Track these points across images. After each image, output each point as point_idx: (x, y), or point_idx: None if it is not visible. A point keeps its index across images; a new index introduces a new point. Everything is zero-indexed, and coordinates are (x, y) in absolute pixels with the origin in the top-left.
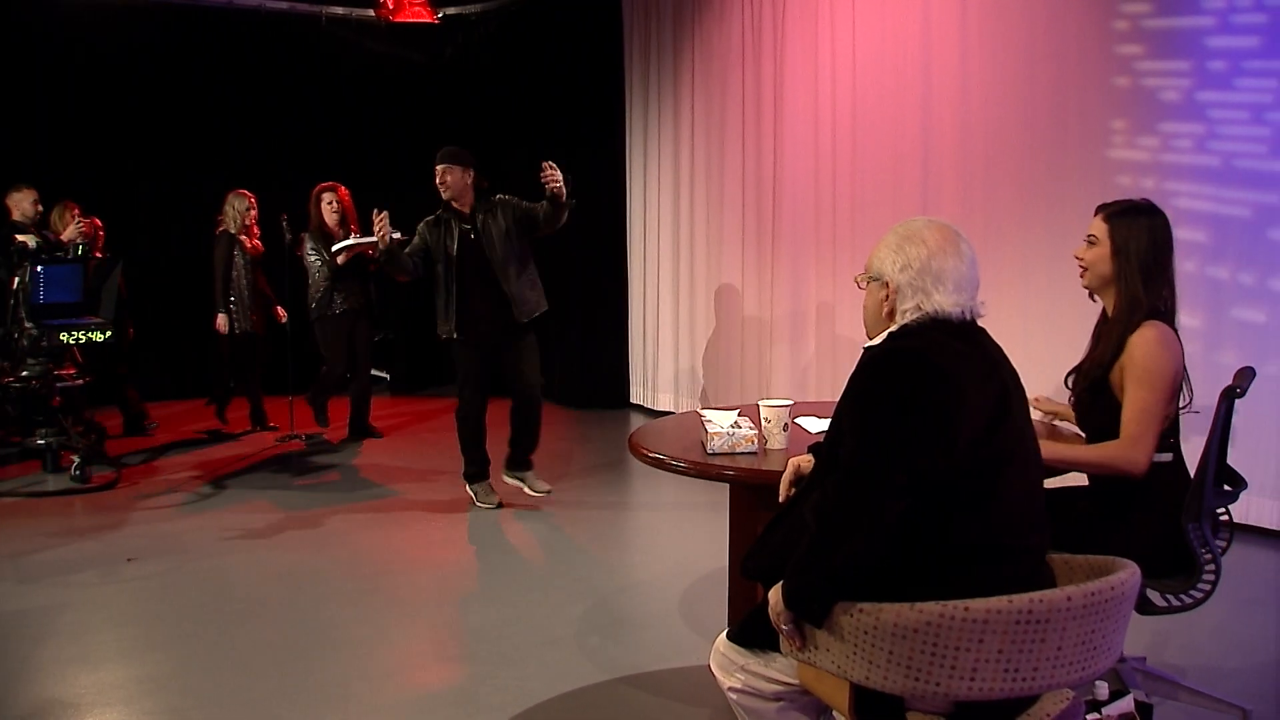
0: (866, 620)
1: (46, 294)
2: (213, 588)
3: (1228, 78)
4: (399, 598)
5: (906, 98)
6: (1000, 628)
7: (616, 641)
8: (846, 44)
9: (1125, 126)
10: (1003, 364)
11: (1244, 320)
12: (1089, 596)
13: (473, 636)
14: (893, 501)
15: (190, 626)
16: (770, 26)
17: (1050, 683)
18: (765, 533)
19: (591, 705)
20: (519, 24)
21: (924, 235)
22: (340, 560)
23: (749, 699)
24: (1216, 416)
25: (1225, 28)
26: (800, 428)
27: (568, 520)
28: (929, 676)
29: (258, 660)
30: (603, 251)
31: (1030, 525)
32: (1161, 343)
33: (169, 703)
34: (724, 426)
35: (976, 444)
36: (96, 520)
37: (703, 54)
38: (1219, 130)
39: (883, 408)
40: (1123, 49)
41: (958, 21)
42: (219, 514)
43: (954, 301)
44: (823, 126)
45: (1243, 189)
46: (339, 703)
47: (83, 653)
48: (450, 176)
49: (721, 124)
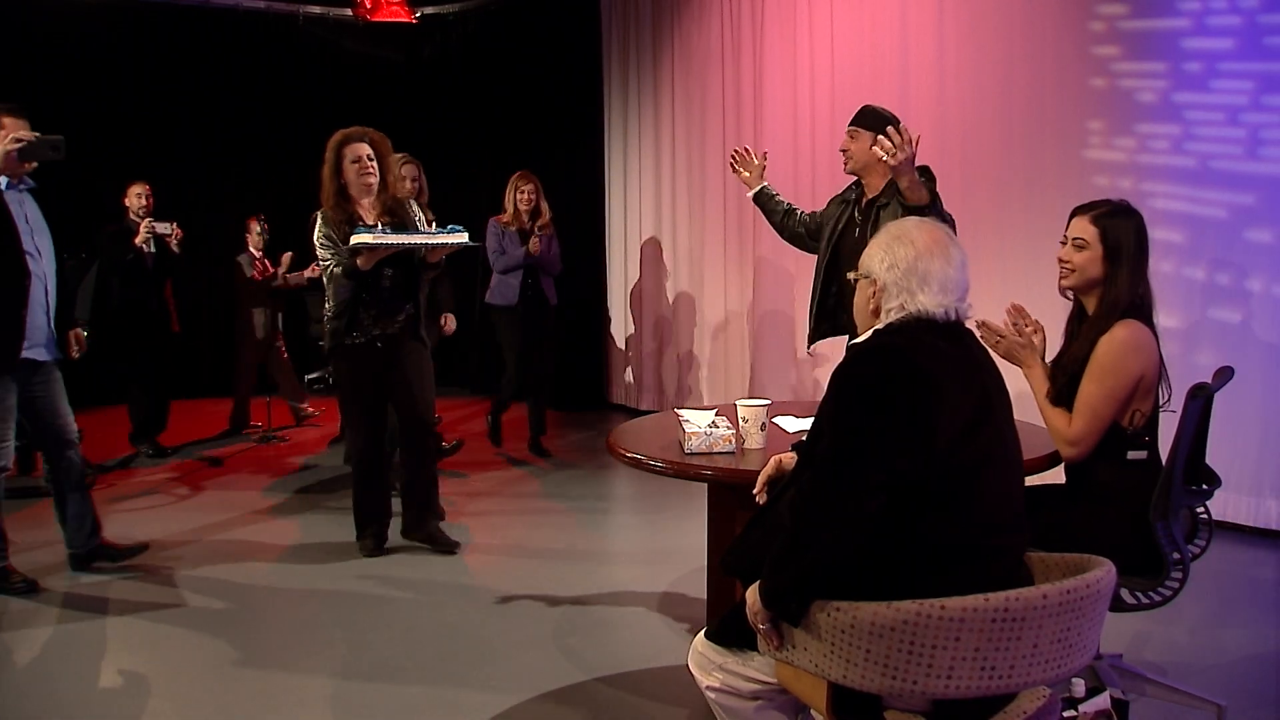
0: (843, 619)
1: None
2: (189, 590)
3: (1203, 79)
4: (378, 598)
5: (884, 98)
6: (977, 626)
7: (595, 641)
8: (825, 44)
9: (1102, 127)
10: (986, 365)
11: (1221, 320)
12: (1065, 594)
13: (452, 637)
14: (868, 498)
15: (166, 629)
16: (749, 26)
17: (1027, 680)
18: (746, 529)
19: (570, 705)
20: (497, 24)
21: (913, 236)
22: (318, 561)
23: (727, 698)
24: (1185, 416)
25: (1201, 30)
26: (778, 427)
27: (546, 520)
28: (906, 675)
29: (236, 662)
30: (582, 252)
31: (1008, 526)
32: (1129, 343)
33: (148, 705)
34: (701, 426)
35: (955, 444)
36: None
37: (682, 54)
38: (1195, 131)
39: (861, 404)
40: (1099, 50)
41: (935, 21)
42: (195, 516)
43: (938, 303)
44: (802, 126)
45: (1219, 190)
46: (318, 704)
47: (57, 656)
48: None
49: (702, 123)
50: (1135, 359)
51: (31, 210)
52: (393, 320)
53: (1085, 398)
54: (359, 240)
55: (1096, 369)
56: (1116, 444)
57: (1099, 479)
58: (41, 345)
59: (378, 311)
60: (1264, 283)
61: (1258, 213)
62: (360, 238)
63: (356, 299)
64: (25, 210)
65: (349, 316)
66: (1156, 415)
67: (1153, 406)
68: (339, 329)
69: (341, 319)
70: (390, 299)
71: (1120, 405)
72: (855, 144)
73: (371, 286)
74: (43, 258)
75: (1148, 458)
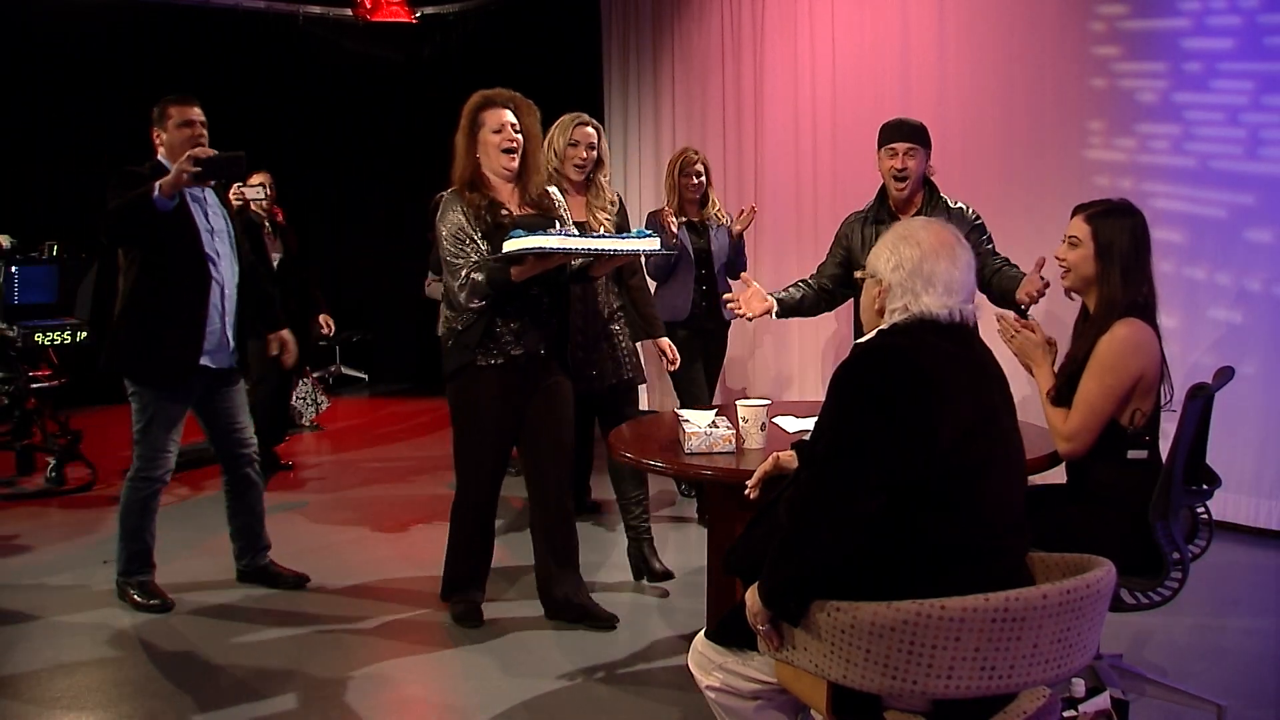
0: (843, 619)
1: (22, 295)
2: (190, 589)
3: (1203, 79)
4: (374, 599)
5: (885, 98)
6: (977, 626)
7: (595, 641)
8: (825, 44)
9: (1103, 128)
10: (990, 368)
11: (1221, 320)
12: (1065, 594)
13: (448, 637)
14: (865, 499)
15: (167, 628)
16: (749, 26)
17: (1027, 680)
18: (749, 527)
19: (569, 704)
20: (497, 24)
21: (919, 237)
22: (315, 561)
23: (727, 698)
24: (1184, 416)
25: (1201, 30)
26: (778, 427)
27: None
28: (906, 675)
29: (234, 662)
30: None
31: (1009, 528)
32: (1130, 342)
33: (146, 706)
34: (701, 426)
35: (957, 445)
36: (72, 522)
37: (682, 54)
38: (1195, 131)
39: (860, 403)
40: (1100, 50)
41: (935, 22)
42: (196, 515)
43: (942, 304)
44: (803, 127)
45: (1219, 190)
46: (316, 704)
47: (58, 656)
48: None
49: (702, 124)
50: (1135, 357)
51: (214, 213)
52: (539, 337)
53: (1083, 394)
54: (522, 245)
55: (1096, 366)
56: (1117, 443)
57: (1099, 479)
58: (218, 353)
59: (521, 326)
60: (1264, 283)
61: (1258, 213)
62: (522, 242)
63: (496, 309)
64: (207, 210)
65: (483, 330)
66: (1158, 415)
67: (1154, 406)
68: (467, 345)
69: (471, 333)
70: (538, 310)
71: (1118, 403)
72: (914, 162)
73: (515, 294)
74: (222, 261)
75: (1148, 458)
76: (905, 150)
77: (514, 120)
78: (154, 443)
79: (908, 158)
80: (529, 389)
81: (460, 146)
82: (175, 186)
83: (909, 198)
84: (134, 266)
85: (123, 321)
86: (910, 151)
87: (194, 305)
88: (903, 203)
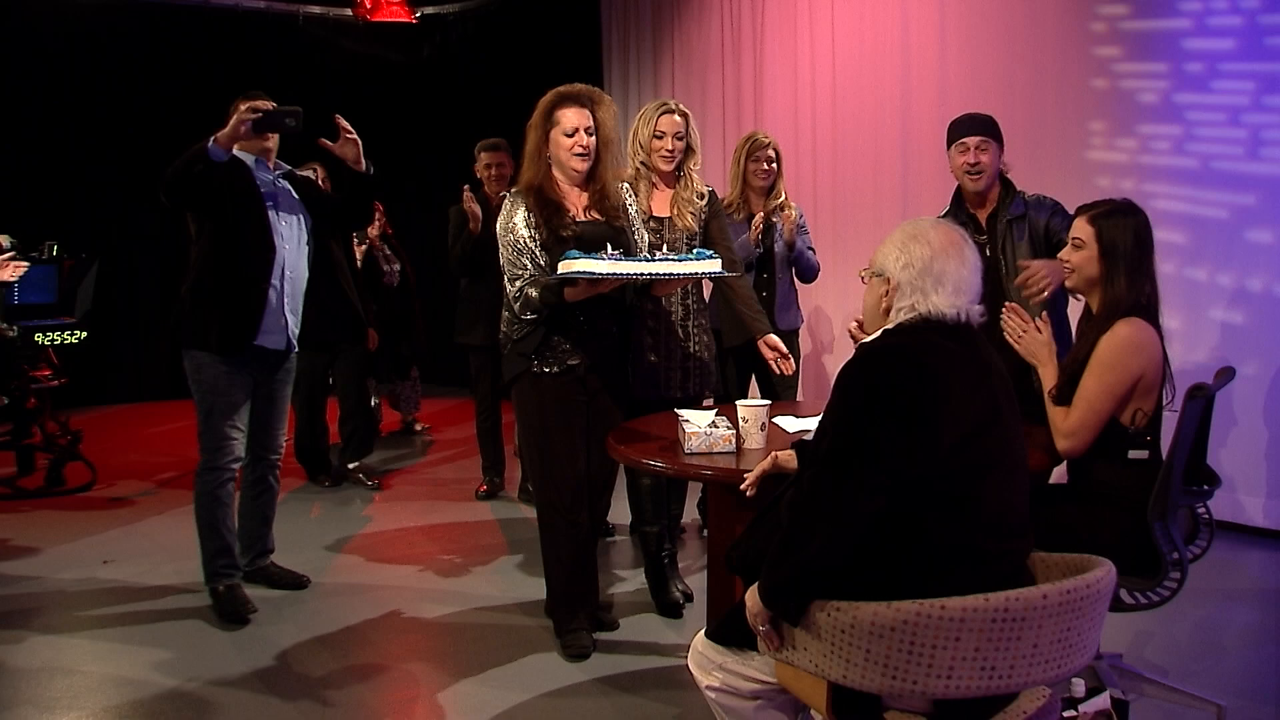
0: (843, 619)
1: (22, 295)
2: (190, 589)
3: (1204, 80)
4: (375, 599)
5: (885, 99)
6: (977, 626)
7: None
8: (825, 44)
9: (1104, 128)
10: (995, 369)
11: (1222, 321)
12: (1065, 594)
13: (449, 638)
14: (866, 499)
15: (166, 628)
16: (749, 26)
17: (1027, 680)
18: (750, 526)
19: (570, 705)
20: (497, 24)
21: (929, 236)
22: (314, 559)
23: (727, 698)
24: (1184, 416)
25: (1201, 30)
26: (778, 427)
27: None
28: (906, 675)
29: (233, 661)
30: None
31: (1011, 530)
32: (1131, 341)
33: (146, 705)
34: (701, 426)
35: (960, 447)
36: (72, 522)
37: (682, 54)
38: (1196, 132)
39: (864, 405)
40: (1100, 51)
41: (936, 22)
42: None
43: (951, 304)
44: (803, 127)
45: (1220, 190)
46: (316, 704)
47: (57, 655)
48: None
49: (702, 124)
50: (1136, 357)
51: (283, 196)
52: (598, 344)
53: (1083, 391)
54: (573, 270)
55: (1096, 364)
56: (1118, 443)
57: (1100, 478)
58: (274, 333)
59: (579, 334)
60: (1265, 283)
61: (1259, 213)
62: (573, 265)
63: (552, 323)
64: (277, 192)
65: (540, 340)
66: (1159, 415)
67: (1155, 406)
68: (524, 353)
69: (528, 342)
70: (594, 325)
71: (1118, 402)
72: (988, 155)
73: (571, 310)
74: (286, 244)
75: (1149, 458)
76: (977, 144)
77: (589, 122)
78: (216, 431)
79: (980, 151)
80: (586, 399)
81: (531, 143)
82: (232, 138)
83: (985, 192)
84: (204, 238)
85: (188, 293)
86: (982, 145)
87: (256, 280)
88: (979, 199)
